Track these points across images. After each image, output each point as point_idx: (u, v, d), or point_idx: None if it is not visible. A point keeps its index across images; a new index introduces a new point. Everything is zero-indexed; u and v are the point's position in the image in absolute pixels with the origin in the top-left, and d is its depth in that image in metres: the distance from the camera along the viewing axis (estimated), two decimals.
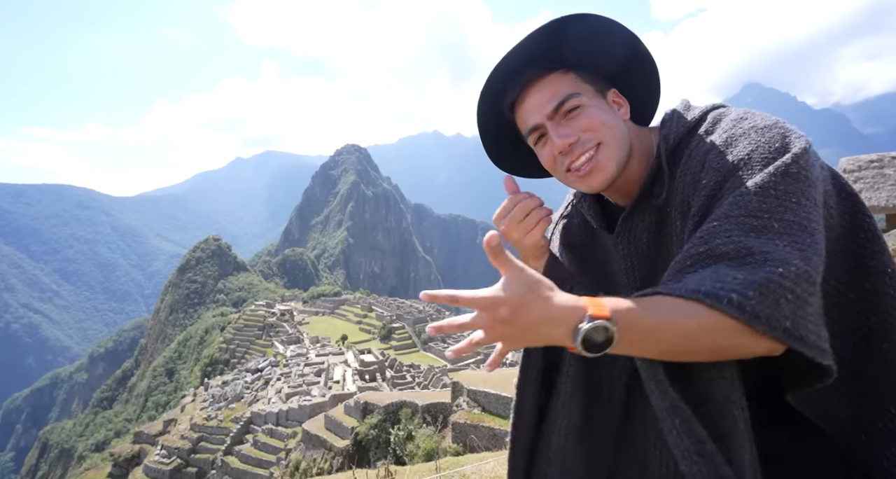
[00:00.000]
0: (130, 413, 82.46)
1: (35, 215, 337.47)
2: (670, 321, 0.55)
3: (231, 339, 67.93)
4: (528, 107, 0.74)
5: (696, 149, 0.69)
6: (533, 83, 0.74)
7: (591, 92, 0.74)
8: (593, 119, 0.72)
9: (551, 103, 0.72)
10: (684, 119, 0.73)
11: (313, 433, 21.52)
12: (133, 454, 37.82)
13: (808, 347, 0.55)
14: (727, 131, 0.67)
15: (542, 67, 0.73)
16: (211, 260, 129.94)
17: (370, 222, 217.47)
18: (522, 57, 0.72)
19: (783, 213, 0.58)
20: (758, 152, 0.62)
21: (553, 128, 0.73)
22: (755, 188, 0.59)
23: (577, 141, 0.72)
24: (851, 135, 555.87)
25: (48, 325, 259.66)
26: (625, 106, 0.77)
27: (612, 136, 0.72)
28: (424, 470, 5.35)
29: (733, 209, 0.59)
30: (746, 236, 0.57)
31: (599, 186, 0.74)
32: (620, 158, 0.73)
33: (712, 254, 0.58)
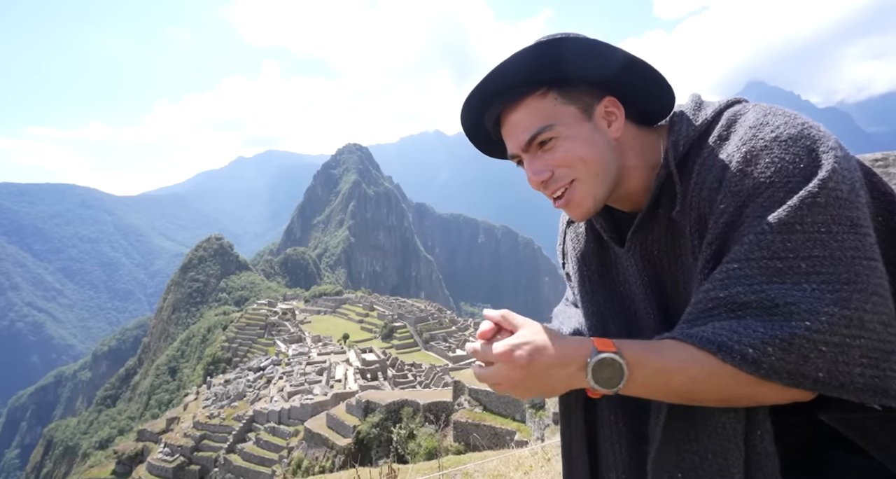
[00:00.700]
0: (134, 411, 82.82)
1: (38, 214, 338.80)
2: (680, 366, 0.54)
3: (233, 338, 68.13)
4: (506, 133, 0.71)
5: (709, 158, 0.63)
6: (509, 108, 0.69)
7: (572, 115, 0.68)
8: (568, 154, 0.67)
9: (524, 136, 0.68)
10: (693, 123, 0.67)
11: (315, 431, 21.60)
12: (136, 452, 38.00)
13: (853, 392, 0.51)
14: (746, 143, 0.59)
15: (517, 92, 0.68)
16: (213, 259, 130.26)
17: (371, 222, 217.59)
18: (498, 80, 0.68)
19: (811, 249, 0.53)
20: (781, 175, 0.56)
21: (528, 161, 0.70)
22: (778, 225, 0.54)
23: (551, 177, 0.69)
24: (856, 133, 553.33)
25: (52, 323, 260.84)
26: (618, 119, 0.70)
27: (588, 170, 0.67)
28: (427, 468, 5.37)
29: (755, 250, 0.54)
30: (770, 284, 0.53)
31: (581, 218, 0.72)
32: (598, 193, 0.69)
33: (734, 302, 0.54)
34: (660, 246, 0.69)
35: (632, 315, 0.76)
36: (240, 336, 67.74)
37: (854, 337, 0.51)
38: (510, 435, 14.04)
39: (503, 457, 5.10)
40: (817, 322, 0.50)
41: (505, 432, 14.44)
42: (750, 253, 0.54)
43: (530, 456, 4.78)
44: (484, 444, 12.96)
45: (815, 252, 0.53)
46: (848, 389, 0.51)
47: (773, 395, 0.53)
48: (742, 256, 0.55)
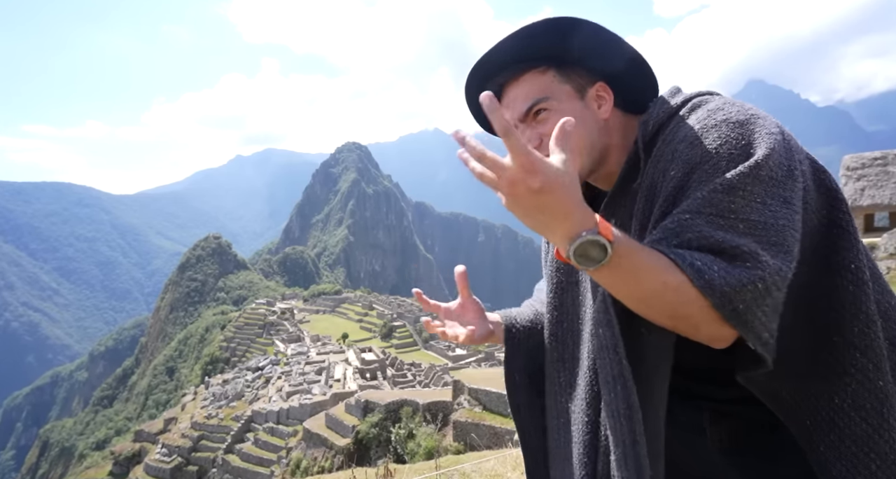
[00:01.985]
0: (131, 412, 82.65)
1: (34, 213, 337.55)
2: (656, 270, 0.58)
3: (231, 337, 68.01)
4: (506, 104, 0.77)
5: (670, 134, 0.70)
6: (510, 81, 0.76)
7: (566, 93, 0.75)
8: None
9: (521, 107, 0.75)
10: (667, 105, 0.74)
11: (314, 431, 21.54)
12: (134, 453, 37.89)
13: (750, 332, 0.57)
14: (700, 121, 0.67)
15: (518, 67, 0.75)
16: (211, 258, 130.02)
17: (371, 220, 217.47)
18: (497, 59, 0.75)
19: (749, 213, 0.59)
20: (725, 147, 0.63)
21: (523, 130, 0.76)
22: (724, 188, 0.60)
23: (540, 145, 0.75)
24: (855, 132, 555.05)
25: (48, 323, 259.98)
26: (608, 101, 0.77)
27: (576, 144, 0.70)
28: (424, 468, 5.33)
29: (704, 206, 0.60)
30: (715, 233, 0.59)
31: None
32: (583, 165, 0.76)
33: (686, 246, 0.60)
34: (631, 218, 0.74)
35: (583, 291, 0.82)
36: (238, 336, 67.62)
37: (776, 288, 0.58)
38: (510, 435, 14.00)
39: (501, 457, 5.07)
40: (757, 262, 0.57)
41: (505, 431, 14.40)
42: (700, 207, 0.61)
43: None
44: (483, 443, 12.93)
45: (752, 217, 0.59)
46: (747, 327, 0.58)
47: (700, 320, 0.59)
48: (693, 208, 0.61)
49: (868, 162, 6.70)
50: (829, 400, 0.64)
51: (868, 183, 2.67)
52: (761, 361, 0.59)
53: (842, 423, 0.63)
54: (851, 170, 6.07)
